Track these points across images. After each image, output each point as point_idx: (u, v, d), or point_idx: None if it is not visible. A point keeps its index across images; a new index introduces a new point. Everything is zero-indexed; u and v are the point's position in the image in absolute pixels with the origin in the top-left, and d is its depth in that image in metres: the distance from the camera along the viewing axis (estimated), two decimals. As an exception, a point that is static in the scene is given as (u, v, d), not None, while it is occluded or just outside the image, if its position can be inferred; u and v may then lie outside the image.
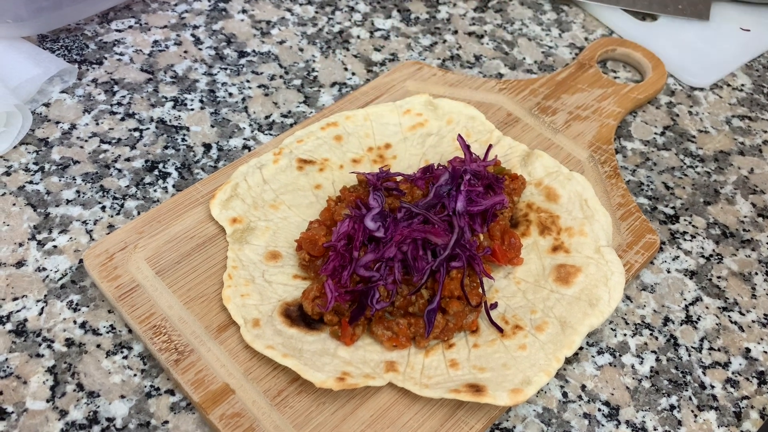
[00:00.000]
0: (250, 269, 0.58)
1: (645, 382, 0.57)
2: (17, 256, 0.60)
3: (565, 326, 0.55)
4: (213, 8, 0.86)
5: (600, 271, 0.58)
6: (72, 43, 0.79)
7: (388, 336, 0.54)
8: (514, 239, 0.60)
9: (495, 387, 0.51)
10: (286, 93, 0.77)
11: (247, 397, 0.52)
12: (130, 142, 0.70)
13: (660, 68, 0.80)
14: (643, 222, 0.65)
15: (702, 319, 0.62)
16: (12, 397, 0.52)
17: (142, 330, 0.54)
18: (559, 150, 0.70)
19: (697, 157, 0.75)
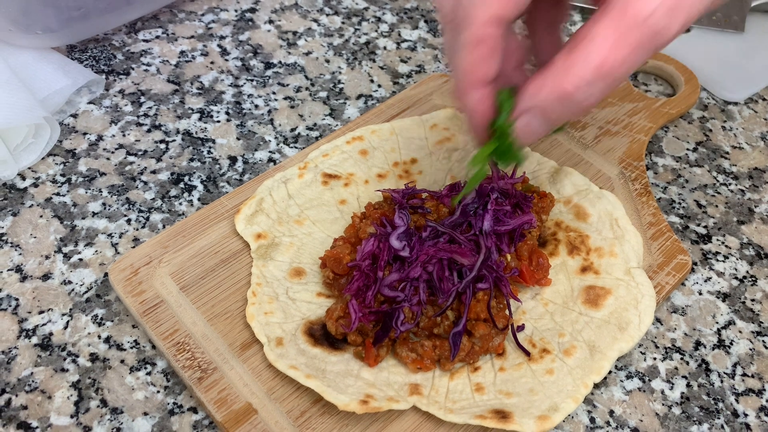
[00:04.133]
0: (274, 286, 0.58)
1: (675, 408, 0.56)
2: (43, 268, 0.61)
3: (594, 351, 0.54)
4: (240, 18, 0.86)
5: (630, 294, 0.57)
6: (100, 54, 0.80)
7: (412, 358, 0.53)
8: (542, 259, 0.59)
9: (521, 413, 0.50)
10: (311, 105, 0.76)
11: (270, 418, 0.51)
12: (156, 154, 0.70)
13: (693, 82, 0.79)
14: (675, 242, 0.63)
15: (735, 343, 0.60)
16: (37, 412, 0.52)
17: (165, 346, 0.54)
18: (588, 166, 0.69)
19: (730, 174, 0.74)
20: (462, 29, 0.43)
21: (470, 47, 0.43)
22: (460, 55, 0.44)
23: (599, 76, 0.42)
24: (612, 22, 0.41)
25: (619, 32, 0.41)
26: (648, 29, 0.41)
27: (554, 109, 0.44)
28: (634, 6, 0.41)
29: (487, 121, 0.47)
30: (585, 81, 0.42)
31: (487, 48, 0.43)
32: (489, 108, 0.47)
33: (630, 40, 0.41)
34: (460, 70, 0.45)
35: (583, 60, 0.42)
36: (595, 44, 0.42)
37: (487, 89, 0.46)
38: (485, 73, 0.45)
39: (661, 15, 0.41)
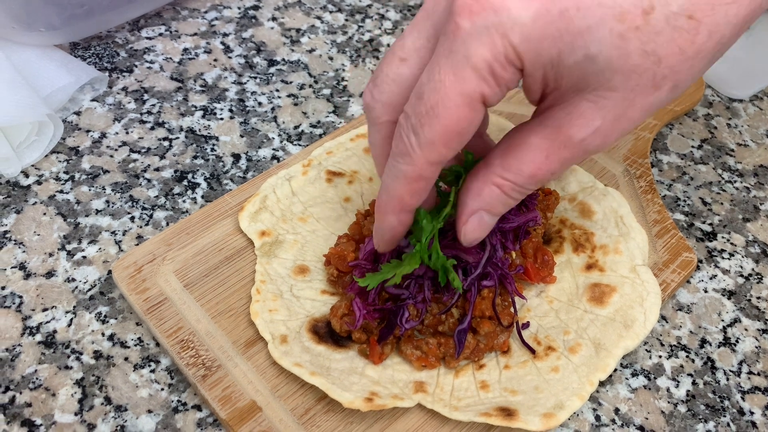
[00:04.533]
0: (278, 283, 0.57)
1: (681, 406, 0.56)
2: (47, 266, 0.61)
3: (600, 348, 0.54)
4: (243, 16, 0.85)
5: (635, 291, 0.57)
6: (103, 51, 0.79)
7: (417, 356, 0.53)
8: (547, 257, 0.58)
9: (527, 411, 0.49)
10: (315, 103, 0.76)
11: (275, 415, 0.51)
12: (160, 151, 0.70)
13: (698, 79, 0.78)
14: (680, 240, 0.63)
15: (741, 341, 0.60)
16: (41, 410, 0.52)
17: (169, 344, 0.54)
18: (593, 163, 0.69)
19: (735, 171, 0.73)
20: (404, 161, 0.44)
21: (409, 180, 0.45)
22: (397, 183, 0.46)
23: (532, 182, 0.46)
24: (546, 139, 0.44)
25: (551, 149, 0.44)
26: (579, 149, 0.44)
27: (496, 204, 0.47)
28: (569, 130, 0.43)
29: (398, 239, 0.51)
30: (519, 184, 0.46)
31: (424, 184, 0.45)
32: (403, 230, 0.50)
33: (561, 156, 0.44)
34: (391, 195, 0.47)
35: (517, 168, 0.45)
36: (528, 155, 0.45)
37: (408, 215, 0.48)
38: (413, 204, 0.47)
39: (593, 138, 0.43)
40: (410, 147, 0.43)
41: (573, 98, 0.43)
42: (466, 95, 0.41)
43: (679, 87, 0.42)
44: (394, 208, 0.47)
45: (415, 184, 0.45)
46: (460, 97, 0.41)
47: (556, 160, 0.44)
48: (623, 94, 0.41)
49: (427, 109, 0.42)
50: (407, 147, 0.44)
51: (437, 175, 0.46)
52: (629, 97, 0.41)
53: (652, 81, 0.41)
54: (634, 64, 0.40)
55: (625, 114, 0.42)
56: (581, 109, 0.43)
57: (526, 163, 0.45)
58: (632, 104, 0.42)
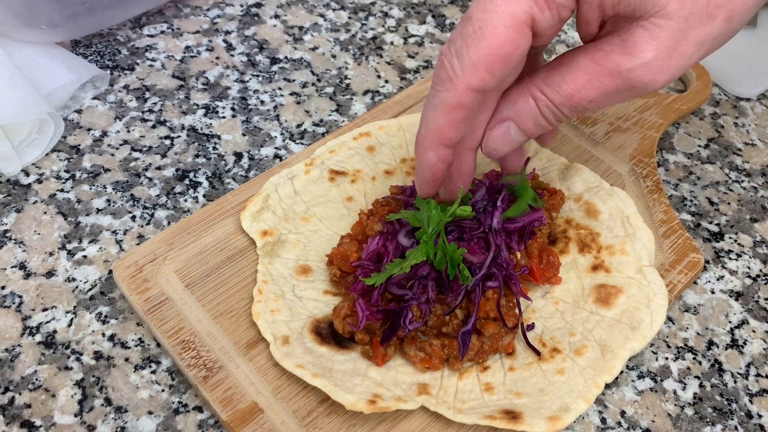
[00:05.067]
0: (280, 284, 0.57)
1: (688, 409, 0.55)
2: (47, 265, 0.60)
3: (605, 350, 0.53)
4: (245, 13, 0.85)
5: (642, 293, 0.56)
6: (104, 49, 0.79)
7: (420, 357, 0.52)
8: (553, 257, 0.58)
9: (532, 414, 0.49)
10: (318, 101, 0.76)
11: (276, 417, 0.50)
12: (161, 150, 0.70)
13: (704, 77, 0.77)
14: (687, 240, 0.62)
15: (748, 343, 0.59)
16: (40, 411, 0.52)
17: (170, 345, 0.54)
18: (599, 163, 0.68)
19: (743, 171, 0.72)
20: (445, 87, 0.43)
21: (448, 108, 0.44)
22: (436, 112, 0.45)
23: (566, 104, 0.44)
24: (594, 61, 0.43)
25: (596, 73, 0.43)
26: (625, 80, 0.43)
27: (527, 118, 0.46)
28: (617, 57, 0.42)
29: (439, 178, 0.49)
30: (555, 102, 0.44)
31: (463, 113, 0.44)
32: (444, 168, 0.48)
33: (604, 83, 0.43)
34: (430, 126, 0.46)
35: (557, 84, 0.44)
36: (572, 74, 0.44)
37: (448, 150, 0.47)
38: (452, 137, 0.46)
39: (642, 72, 0.42)
40: (452, 71, 0.42)
41: (629, 27, 0.42)
42: (515, 16, 0.40)
43: (733, 19, 0.41)
44: (433, 141, 0.46)
45: (455, 113, 0.44)
46: (508, 18, 0.40)
47: (597, 86, 0.43)
48: (677, 24, 0.40)
49: (474, 30, 0.41)
50: (449, 72, 0.43)
51: (477, 107, 0.44)
52: (683, 27, 0.41)
53: (706, 9, 0.40)
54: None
55: (678, 47, 0.41)
56: (636, 36, 0.41)
57: (568, 82, 0.44)
58: (686, 36, 0.41)
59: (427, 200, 0.51)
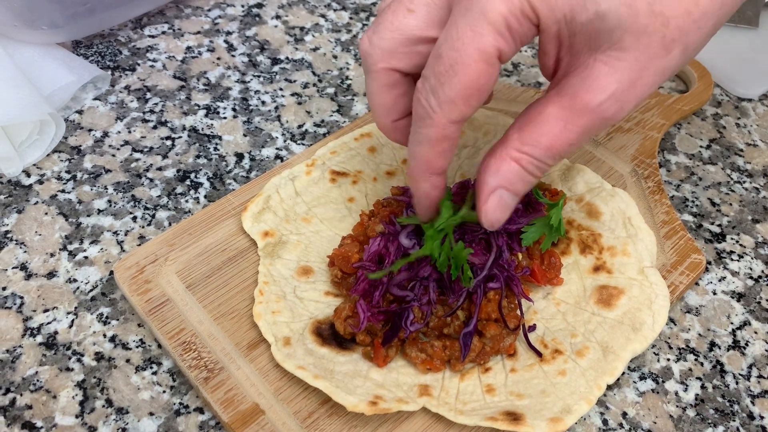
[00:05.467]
0: (281, 285, 0.57)
1: (690, 410, 0.55)
2: (48, 266, 0.60)
3: (607, 352, 0.53)
4: (246, 14, 0.85)
5: (644, 294, 0.56)
6: (105, 49, 0.79)
7: (422, 358, 0.52)
8: (554, 258, 0.57)
9: (533, 415, 0.49)
10: (319, 102, 0.75)
11: (277, 419, 0.50)
12: (162, 150, 0.70)
13: (706, 78, 0.77)
14: (688, 241, 0.62)
15: (750, 344, 0.59)
16: (42, 412, 0.52)
17: (171, 346, 0.54)
18: (600, 163, 0.68)
19: (744, 171, 0.72)
20: (426, 124, 0.45)
21: (432, 143, 0.45)
22: (422, 147, 0.46)
23: (550, 155, 0.45)
24: (563, 108, 0.44)
25: (568, 118, 0.44)
26: (597, 115, 0.44)
27: (515, 181, 0.47)
28: (584, 96, 0.43)
29: (436, 203, 0.51)
30: (537, 157, 0.45)
31: (448, 144, 0.46)
32: (440, 193, 0.50)
33: (579, 124, 0.44)
34: (419, 160, 0.47)
35: (535, 140, 0.45)
36: (546, 126, 0.45)
37: (440, 178, 0.49)
38: (442, 166, 0.48)
39: (611, 103, 0.43)
40: (430, 108, 0.44)
41: (587, 61, 0.43)
42: (484, 50, 0.41)
43: (689, 50, 0.42)
44: (424, 172, 0.48)
45: (440, 145, 0.45)
46: (477, 53, 0.41)
47: (573, 129, 0.44)
48: (635, 56, 0.42)
49: (446, 68, 0.42)
50: (427, 109, 0.44)
51: (459, 133, 0.46)
52: (641, 59, 0.42)
53: (662, 43, 0.41)
54: (642, 24, 0.40)
55: (640, 78, 0.42)
56: (596, 72, 0.43)
57: (544, 134, 0.45)
58: (645, 67, 0.42)
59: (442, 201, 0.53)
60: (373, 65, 0.48)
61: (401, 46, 0.47)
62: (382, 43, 0.47)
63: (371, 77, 0.49)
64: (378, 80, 0.49)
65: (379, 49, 0.47)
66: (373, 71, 0.48)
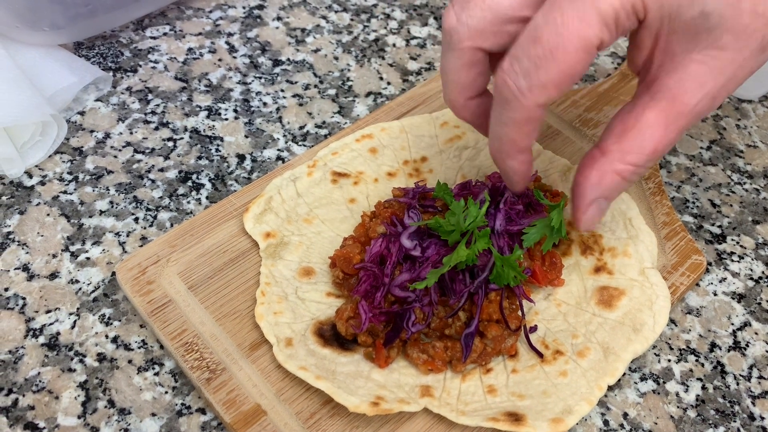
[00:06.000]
0: (283, 286, 0.57)
1: (690, 411, 0.55)
2: (51, 267, 0.60)
3: (608, 352, 0.53)
4: (248, 15, 0.85)
5: (644, 295, 0.56)
6: (107, 51, 0.79)
7: (423, 359, 0.52)
8: (555, 259, 0.58)
9: (535, 416, 0.49)
10: (320, 103, 0.76)
11: (279, 419, 0.50)
12: (164, 152, 0.70)
13: None
14: (689, 242, 0.62)
15: (751, 345, 0.59)
16: (44, 413, 0.52)
17: (174, 347, 0.54)
18: (600, 165, 0.68)
19: (745, 173, 0.72)
20: (512, 107, 0.45)
21: (519, 124, 0.46)
22: (507, 128, 0.46)
23: (653, 158, 0.46)
24: (663, 111, 0.45)
25: (669, 120, 0.45)
26: (694, 115, 0.45)
27: (615, 191, 0.48)
28: (683, 97, 0.44)
29: (527, 177, 0.51)
30: (641, 163, 0.46)
31: (533, 125, 0.46)
32: (529, 167, 0.51)
33: (679, 125, 0.45)
34: (504, 141, 0.48)
35: (639, 146, 0.46)
36: (648, 132, 0.45)
37: (526, 154, 0.49)
38: (527, 144, 0.48)
39: (705, 102, 0.44)
40: (518, 92, 0.43)
41: (682, 61, 0.43)
42: (588, 40, 0.41)
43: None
44: (511, 152, 0.48)
45: (526, 126, 0.46)
46: (581, 42, 0.41)
47: (674, 130, 0.45)
48: (732, 56, 0.42)
49: (544, 53, 0.42)
50: (515, 92, 0.44)
51: (545, 115, 0.46)
52: (738, 59, 0.42)
53: (760, 43, 0.42)
54: (744, 24, 0.41)
55: (734, 76, 0.43)
56: (691, 71, 0.43)
57: (648, 141, 0.45)
58: (741, 67, 0.43)
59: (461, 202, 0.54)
60: (459, 42, 0.47)
61: (491, 26, 0.46)
62: (471, 21, 0.46)
63: (454, 55, 0.48)
64: (461, 58, 0.48)
65: (467, 27, 0.46)
66: (457, 49, 0.47)
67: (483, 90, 0.51)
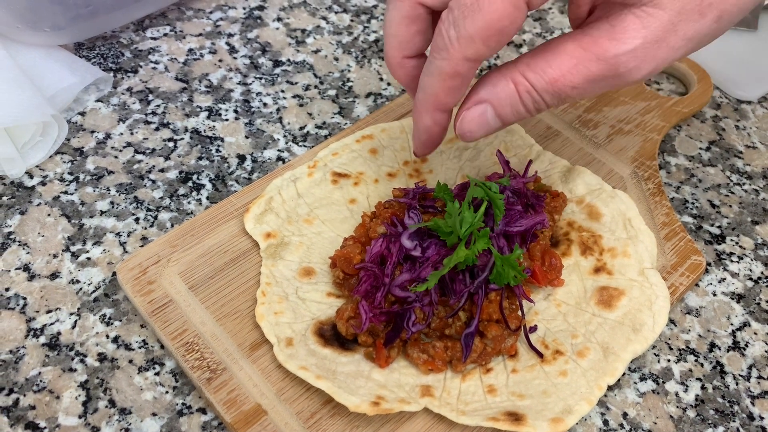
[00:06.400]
0: (283, 286, 0.57)
1: (690, 411, 0.55)
2: (51, 267, 0.60)
3: (608, 352, 0.53)
4: (248, 16, 0.85)
5: (644, 295, 0.56)
6: (108, 51, 0.79)
7: (423, 359, 0.52)
8: (555, 260, 0.58)
9: (535, 416, 0.49)
10: (320, 104, 0.76)
11: (280, 419, 0.51)
12: (165, 152, 0.70)
13: (705, 80, 0.78)
14: (688, 242, 0.62)
15: (750, 345, 0.59)
16: (45, 412, 0.52)
17: (174, 347, 0.54)
18: (600, 165, 0.68)
19: (744, 173, 0.73)
20: (441, 56, 0.44)
21: (444, 76, 0.44)
22: (433, 79, 0.45)
23: (549, 90, 0.44)
24: (581, 46, 0.43)
25: (583, 58, 0.43)
26: (611, 67, 0.43)
27: (505, 104, 0.46)
28: (605, 42, 0.42)
29: (436, 140, 0.49)
30: (538, 87, 0.44)
31: (459, 81, 0.45)
32: (440, 131, 0.49)
33: (590, 69, 0.43)
34: (427, 92, 0.46)
35: (542, 69, 0.44)
36: (556, 59, 0.44)
37: (444, 115, 0.47)
38: (448, 103, 0.46)
39: (629, 58, 0.42)
40: (449, 41, 0.43)
41: (620, 12, 0.42)
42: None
43: (722, 18, 0.42)
44: (429, 106, 0.47)
45: (451, 81, 0.44)
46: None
47: (582, 72, 0.43)
48: (669, 16, 0.41)
49: (472, 2, 0.41)
50: (446, 41, 0.43)
51: (473, 74, 0.45)
52: (674, 20, 0.41)
53: (698, 6, 0.40)
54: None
55: (666, 39, 0.42)
56: (626, 23, 0.42)
57: (553, 67, 0.44)
58: (675, 29, 0.41)
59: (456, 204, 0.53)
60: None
61: None
62: None
63: (394, 6, 0.47)
64: (401, 10, 0.47)
65: None
66: (398, 0, 0.47)
67: (421, 51, 0.50)
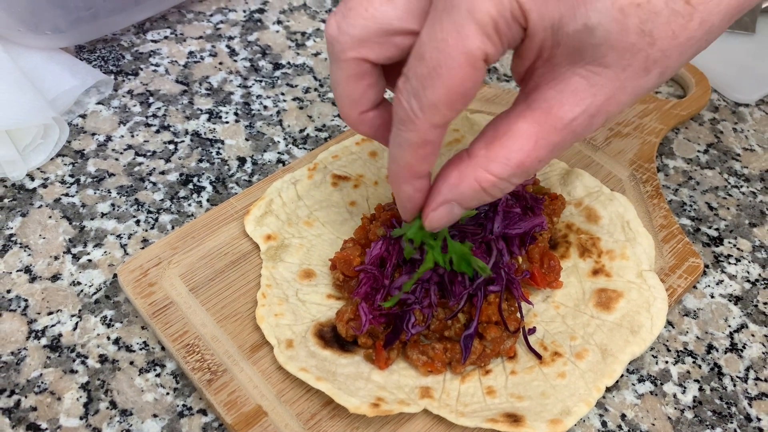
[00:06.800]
0: (283, 288, 0.57)
1: (688, 412, 0.55)
2: (52, 269, 0.61)
3: (606, 354, 0.53)
4: (248, 19, 0.85)
5: (642, 297, 0.57)
6: (108, 54, 0.80)
7: (423, 361, 0.53)
8: (554, 262, 0.58)
9: (533, 417, 0.49)
10: (320, 106, 0.76)
11: (280, 420, 0.51)
12: (165, 155, 0.70)
13: (704, 83, 0.78)
14: (686, 245, 0.63)
15: (748, 347, 0.60)
16: (46, 414, 0.52)
17: (175, 348, 0.54)
18: (599, 168, 0.69)
19: (742, 176, 0.73)
20: (407, 128, 0.42)
21: (414, 147, 0.43)
22: (403, 151, 0.44)
23: (518, 173, 0.43)
24: (536, 122, 0.42)
25: (541, 133, 0.42)
26: (569, 132, 0.42)
27: (472, 199, 0.45)
28: (559, 111, 0.41)
29: (419, 206, 0.49)
30: (505, 176, 0.43)
31: (431, 148, 0.44)
32: (423, 195, 0.48)
33: (551, 140, 0.42)
34: (400, 164, 0.45)
35: (505, 157, 0.42)
36: (517, 142, 0.42)
37: (423, 180, 0.46)
38: (424, 169, 0.45)
39: (583, 119, 0.41)
40: (412, 112, 0.41)
41: (564, 73, 0.41)
42: (470, 54, 0.39)
43: (665, 74, 0.41)
44: (406, 176, 0.46)
45: (422, 149, 0.43)
46: (463, 56, 0.39)
47: (545, 146, 0.42)
48: (615, 73, 0.40)
49: (429, 71, 0.39)
50: (408, 113, 0.41)
51: (443, 137, 0.43)
52: (620, 77, 0.40)
53: (644, 63, 0.40)
54: (630, 42, 0.39)
55: (614, 96, 0.41)
56: (572, 85, 0.41)
57: (515, 152, 0.42)
58: (622, 86, 0.41)
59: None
60: (341, 53, 0.44)
61: (375, 36, 0.43)
62: (353, 31, 0.43)
63: (338, 66, 0.45)
64: (345, 70, 0.45)
65: (349, 37, 0.43)
66: (340, 60, 0.45)
67: (378, 102, 0.48)
